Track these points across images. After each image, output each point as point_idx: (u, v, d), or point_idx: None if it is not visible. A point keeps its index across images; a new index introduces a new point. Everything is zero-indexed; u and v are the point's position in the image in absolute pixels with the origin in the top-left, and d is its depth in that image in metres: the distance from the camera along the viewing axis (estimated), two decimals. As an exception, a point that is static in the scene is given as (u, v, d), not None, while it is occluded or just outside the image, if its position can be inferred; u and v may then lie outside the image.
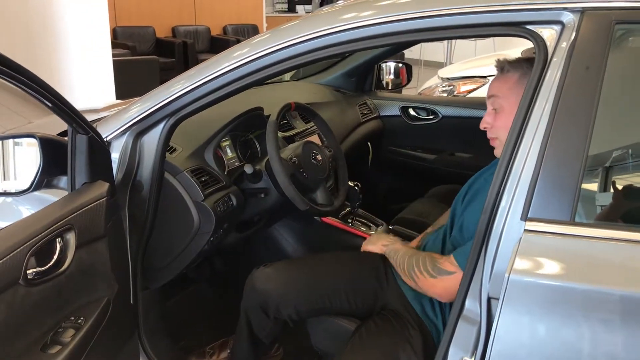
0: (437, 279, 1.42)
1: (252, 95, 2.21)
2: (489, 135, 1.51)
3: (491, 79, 4.40)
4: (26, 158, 1.43)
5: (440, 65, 7.02)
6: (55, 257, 1.24)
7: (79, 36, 5.69)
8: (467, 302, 1.21)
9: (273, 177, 1.80)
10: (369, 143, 2.77)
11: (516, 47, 5.09)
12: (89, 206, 1.36)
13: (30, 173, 1.40)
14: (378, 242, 1.69)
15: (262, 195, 1.86)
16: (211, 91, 1.50)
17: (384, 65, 2.92)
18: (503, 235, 1.12)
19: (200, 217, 1.69)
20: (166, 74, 7.91)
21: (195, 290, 2.29)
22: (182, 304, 2.19)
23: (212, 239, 1.74)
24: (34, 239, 1.17)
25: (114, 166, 1.57)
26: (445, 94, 4.23)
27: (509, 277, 1.07)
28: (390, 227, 2.21)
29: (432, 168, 2.78)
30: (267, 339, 1.76)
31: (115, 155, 1.58)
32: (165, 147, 1.59)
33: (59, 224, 1.25)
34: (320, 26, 1.35)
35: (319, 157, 1.89)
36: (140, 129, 1.57)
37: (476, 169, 2.70)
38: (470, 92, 4.11)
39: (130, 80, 6.36)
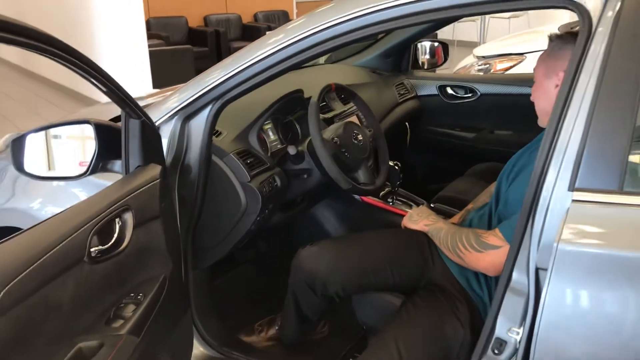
0: (484, 253, 1.43)
1: (290, 78, 2.24)
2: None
3: (529, 55, 4.33)
4: (81, 143, 1.50)
5: (474, 45, 6.93)
6: (115, 236, 1.30)
7: (116, 29, 5.84)
8: (515, 274, 1.22)
9: (315, 158, 1.83)
10: (407, 123, 2.78)
11: (551, 24, 5.01)
12: (144, 188, 1.41)
13: (87, 157, 1.47)
14: (420, 220, 1.71)
15: (305, 176, 1.89)
16: (254, 74, 1.53)
17: (419, 45, 2.92)
18: (550, 206, 1.12)
19: (247, 197, 1.73)
20: (200, 63, 7.97)
21: (241, 271, 2.35)
22: (229, 284, 2.25)
23: (258, 218, 1.78)
24: (95, 219, 1.23)
25: (164, 150, 1.62)
26: (481, 73, 4.19)
27: (557, 246, 1.08)
28: (431, 205, 2.23)
29: (471, 146, 2.78)
30: (315, 315, 1.81)
31: (164, 140, 1.63)
32: (212, 130, 1.63)
33: (117, 204, 1.31)
34: (359, 6, 1.37)
35: (360, 137, 1.92)
36: (188, 113, 1.62)
37: (516, 145, 2.67)
38: (507, 69, 4.06)
39: (165, 70, 6.48)
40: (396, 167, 2.13)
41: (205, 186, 1.67)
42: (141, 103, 2.20)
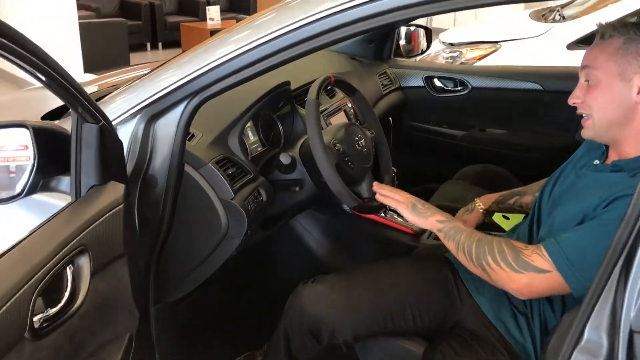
0: (523, 274, 1.14)
1: None
2: (579, 111, 1.25)
3: (504, 44, 4.06)
4: (15, 153, 1.10)
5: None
6: (67, 293, 0.93)
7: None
8: (588, 332, 0.97)
9: (310, 167, 1.50)
10: (390, 118, 2.47)
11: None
12: (104, 217, 1.04)
13: (22, 173, 1.08)
14: (430, 216, 1.33)
15: (297, 189, 1.55)
16: (245, 66, 1.19)
17: (402, 29, 2.61)
18: None
19: (229, 218, 1.39)
20: (133, 38, 7.41)
21: (205, 292, 1.97)
22: (192, 310, 1.87)
23: (241, 242, 1.44)
24: (40, 272, 0.86)
25: None
26: (450, 61, 3.93)
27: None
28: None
29: (461, 146, 2.49)
30: (310, 360, 1.48)
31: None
32: (186, 133, 1.28)
33: (69, 246, 0.94)
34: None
35: (363, 142, 1.59)
36: (155, 111, 1.26)
37: (510, 146, 2.46)
38: (479, 59, 3.81)
39: (96, 47, 5.87)
40: (392, 173, 1.81)
41: (175, 203, 1.32)
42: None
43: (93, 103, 1.03)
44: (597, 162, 1.28)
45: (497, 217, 2.11)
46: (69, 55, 5.17)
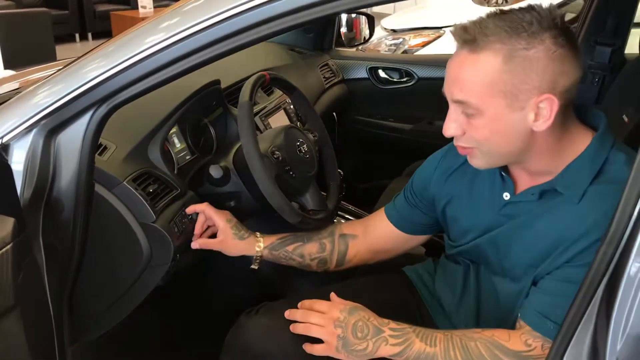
0: None
1: None
2: (458, 143, 1.03)
3: (447, 30, 3.96)
4: None
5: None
6: None
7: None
8: None
9: (247, 178, 1.32)
10: (334, 113, 2.31)
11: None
12: (-16, 265, 0.84)
13: None
14: (374, 352, 1.06)
15: (232, 204, 1.37)
16: (159, 67, 1.01)
17: (343, 16, 2.44)
18: None
19: (150, 244, 1.20)
20: (60, 29, 6.98)
21: (136, 317, 1.77)
22: (118, 344, 1.66)
23: (169, 270, 1.26)
24: None
25: (18, 181, 1.05)
26: (393, 49, 3.79)
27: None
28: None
29: (409, 140, 2.37)
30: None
31: (17, 165, 1.06)
32: (94, 147, 1.09)
33: None
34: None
35: (305, 147, 1.42)
36: (55, 123, 1.07)
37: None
38: (422, 45, 3.69)
39: (18, 40, 5.47)
40: (339, 179, 1.65)
41: (87, 229, 1.13)
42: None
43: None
44: (507, 195, 1.08)
45: None
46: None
